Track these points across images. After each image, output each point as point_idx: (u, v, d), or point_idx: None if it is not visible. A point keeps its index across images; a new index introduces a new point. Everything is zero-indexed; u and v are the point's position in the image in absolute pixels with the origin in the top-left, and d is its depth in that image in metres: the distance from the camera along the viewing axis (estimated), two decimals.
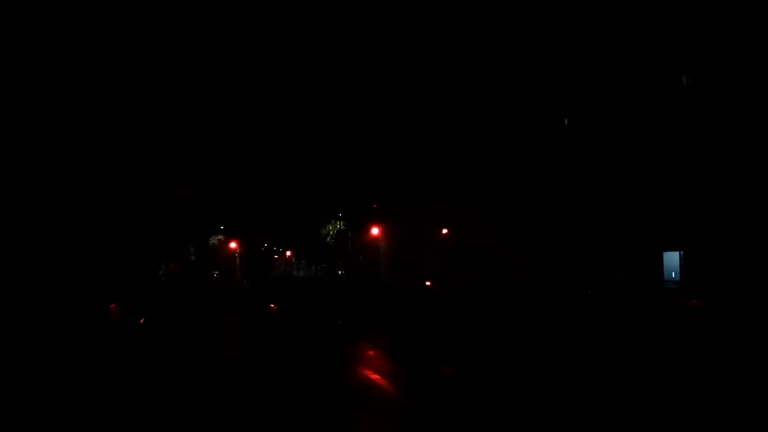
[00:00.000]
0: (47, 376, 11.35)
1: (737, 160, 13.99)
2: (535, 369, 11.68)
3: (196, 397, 11.21)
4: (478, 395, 10.77)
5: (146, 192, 20.74)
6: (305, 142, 24.75)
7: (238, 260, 41.54)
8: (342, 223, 32.96)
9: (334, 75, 22.42)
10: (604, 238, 16.46)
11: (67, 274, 17.16)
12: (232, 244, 36.94)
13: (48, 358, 12.93)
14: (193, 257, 34.44)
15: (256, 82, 22.20)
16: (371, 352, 16.71)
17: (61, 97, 16.65)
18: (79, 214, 17.76)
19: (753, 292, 12.94)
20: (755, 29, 13.37)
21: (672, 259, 22.92)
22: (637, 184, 15.90)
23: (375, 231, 28.37)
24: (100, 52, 17.51)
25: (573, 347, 12.71)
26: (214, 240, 36.26)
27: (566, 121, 17.50)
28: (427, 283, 25.66)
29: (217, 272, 36.93)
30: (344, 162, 24.53)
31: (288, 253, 73.49)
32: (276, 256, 73.66)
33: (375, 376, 12.71)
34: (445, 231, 23.12)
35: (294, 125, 24.11)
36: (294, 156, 25.47)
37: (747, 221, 13.83)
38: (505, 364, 12.81)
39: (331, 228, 34.07)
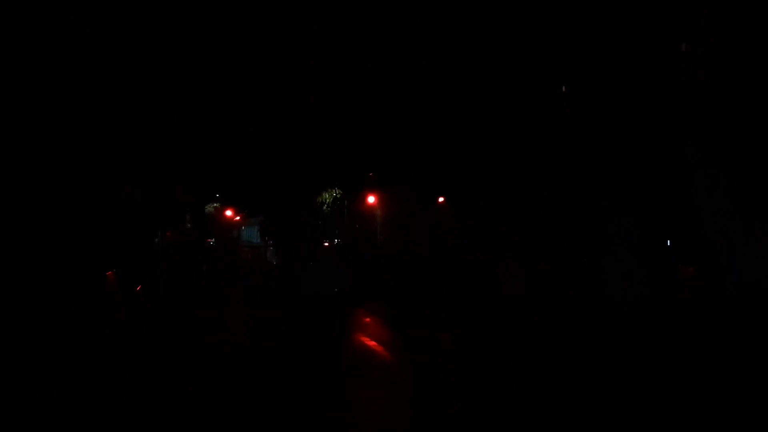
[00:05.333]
0: (45, 360, 11.37)
1: (738, 171, 13.87)
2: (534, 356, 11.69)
3: (201, 361, 11.29)
4: (476, 362, 10.87)
5: (145, 188, 20.73)
6: (303, 116, 24.52)
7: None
8: (337, 190, 32.75)
9: (333, 57, 22.19)
10: (604, 249, 16.55)
11: (65, 248, 17.14)
12: (228, 212, 36.82)
13: (47, 342, 12.94)
14: (189, 225, 34.41)
15: (252, 60, 21.95)
16: (368, 320, 16.87)
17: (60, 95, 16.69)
18: (77, 200, 17.77)
19: (756, 304, 12.85)
20: (757, 39, 13.19)
21: None
22: (638, 196, 15.92)
23: (371, 199, 28.12)
24: (101, 57, 17.53)
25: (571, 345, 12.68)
26: (209, 208, 36.17)
27: (568, 131, 17.40)
28: (423, 259, 25.61)
29: (212, 240, 36.94)
30: (341, 129, 24.29)
31: None
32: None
33: (372, 343, 12.86)
34: (441, 199, 22.94)
35: (292, 101, 23.90)
36: (292, 128, 25.20)
37: (748, 233, 13.76)
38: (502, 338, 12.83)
39: (327, 196, 33.89)
